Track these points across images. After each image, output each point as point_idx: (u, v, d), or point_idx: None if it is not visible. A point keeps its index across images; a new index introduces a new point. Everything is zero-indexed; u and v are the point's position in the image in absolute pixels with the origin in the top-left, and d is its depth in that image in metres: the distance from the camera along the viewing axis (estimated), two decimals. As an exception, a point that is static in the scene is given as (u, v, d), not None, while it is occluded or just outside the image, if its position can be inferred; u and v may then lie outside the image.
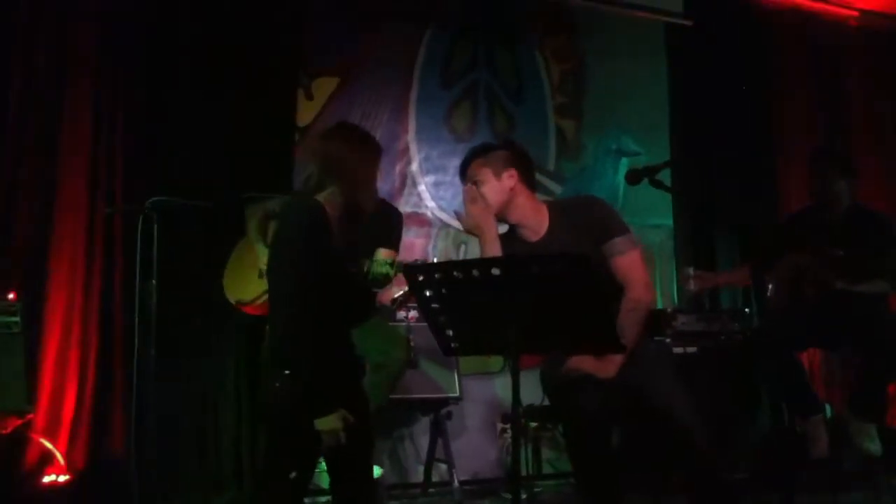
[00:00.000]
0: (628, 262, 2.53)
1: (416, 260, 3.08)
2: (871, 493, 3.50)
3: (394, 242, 3.29)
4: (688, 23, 4.92)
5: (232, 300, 3.36)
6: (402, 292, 2.36)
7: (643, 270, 2.56)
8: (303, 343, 2.12)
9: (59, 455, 3.42)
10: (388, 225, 3.34)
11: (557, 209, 2.67)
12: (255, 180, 3.63)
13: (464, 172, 2.69)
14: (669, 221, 4.94)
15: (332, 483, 2.32)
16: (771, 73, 5.29)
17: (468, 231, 2.63)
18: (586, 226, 2.55)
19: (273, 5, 4.05)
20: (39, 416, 3.42)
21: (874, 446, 3.36)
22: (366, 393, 2.46)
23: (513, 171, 2.62)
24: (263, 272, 3.26)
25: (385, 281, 3.09)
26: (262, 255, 3.25)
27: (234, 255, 3.41)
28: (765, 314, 3.81)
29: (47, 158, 3.59)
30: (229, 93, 3.88)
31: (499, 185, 2.61)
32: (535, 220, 2.64)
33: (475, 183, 2.63)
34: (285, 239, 2.24)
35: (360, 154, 2.35)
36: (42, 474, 3.34)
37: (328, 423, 2.12)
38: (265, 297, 3.23)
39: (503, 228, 2.67)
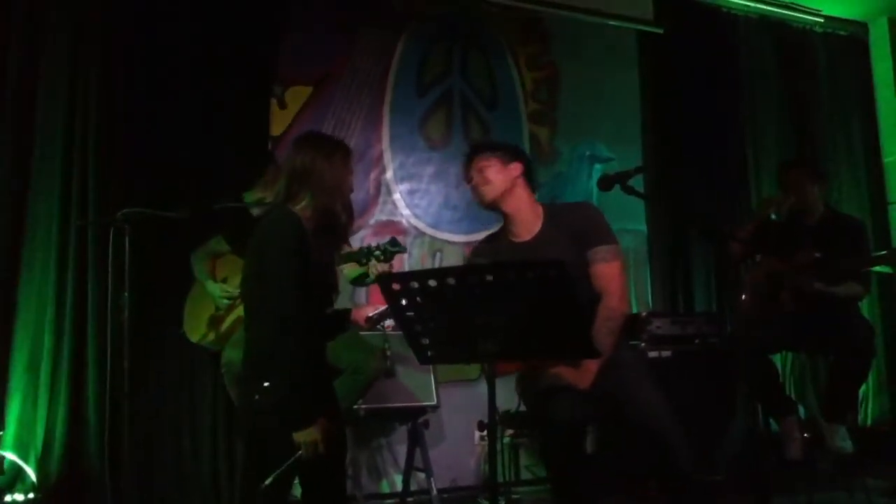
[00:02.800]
0: (608, 271, 2.57)
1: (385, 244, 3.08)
2: (846, 493, 3.54)
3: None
4: (659, 31, 4.98)
5: (193, 340, 3.44)
6: (377, 311, 2.36)
7: (621, 281, 2.60)
8: (287, 355, 2.12)
9: (30, 472, 3.36)
10: None
11: (552, 212, 2.72)
12: (228, 190, 3.61)
13: (469, 164, 2.72)
14: (643, 227, 4.98)
15: (304, 492, 2.30)
16: (741, 80, 5.37)
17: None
18: (575, 230, 2.61)
19: (246, 15, 4.04)
20: (9, 432, 3.36)
21: (846, 444, 3.41)
22: (338, 403, 2.46)
23: (518, 164, 2.68)
24: (221, 305, 3.30)
25: (364, 278, 3.09)
26: (215, 291, 3.36)
27: (189, 299, 3.50)
28: (738, 318, 3.85)
29: (19, 169, 3.55)
30: (203, 102, 3.86)
31: (504, 170, 2.66)
32: (530, 216, 2.68)
33: (480, 169, 2.66)
34: (268, 251, 2.23)
35: (329, 162, 2.33)
36: (12, 492, 3.28)
37: (307, 436, 2.12)
38: (219, 332, 3.26)
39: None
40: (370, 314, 2.39)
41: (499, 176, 2.65)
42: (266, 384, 2.12)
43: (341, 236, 2.46)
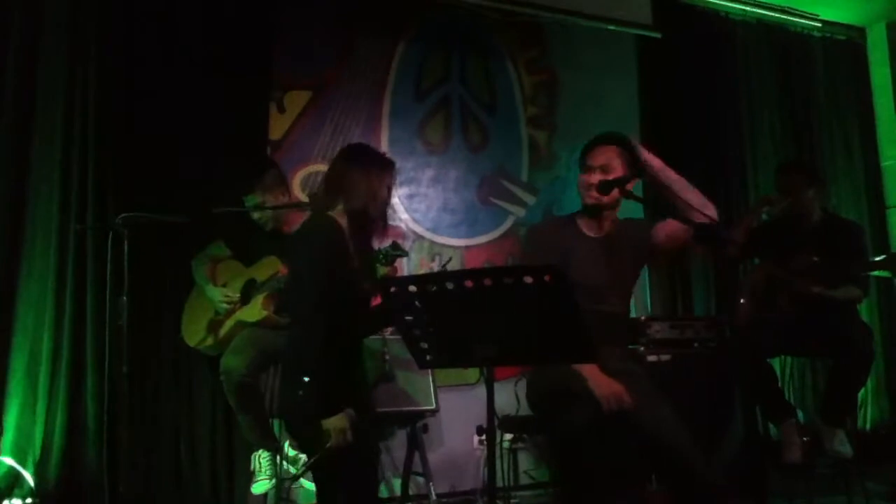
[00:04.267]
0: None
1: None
2: (845, 497, 3.54)
3: None
4: (657, 35, 4.99)
5: (191, 344, 3.42)
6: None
7: None
8: (310, 354, 2.24)
9: (28, 477, 3.36)
10: None
11: (617, 223, 2.78)
12: (227, 194, 3.61)
13: (590, 151, 2.71)
14: (642, 231, 4.98)
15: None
16: (739, 83, 5.38)
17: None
18: (635, 241, 2.71)
19: (245, 19, 4.04)
20: (7, 437, 3.36)
21: (845, 449, 3.41)
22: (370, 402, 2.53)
23: (636, 180, 2.68)
24: (220, 310, 3.31)
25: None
26: (215, 296, 3.36)
27: (188, 303, 3.48)
28: (736, 322, 3.85)
29: (17, 173, 3.55)
30: (201, 107, 3.86)
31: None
32: (611, 218, 2.73)
33: (602, 167, 2.65)
34: (305, 259, 2.36)
35: (359, 168, 2.45)
36: (10, 497, 3.28)
37: (336, 422, 2.22)
38: (217, 337, 3.29)
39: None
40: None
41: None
42: (306, 379, 2.22)
43: (372, 237, 2.56)
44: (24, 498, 3.29)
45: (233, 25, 4.01)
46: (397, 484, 3.95)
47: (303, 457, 3.55)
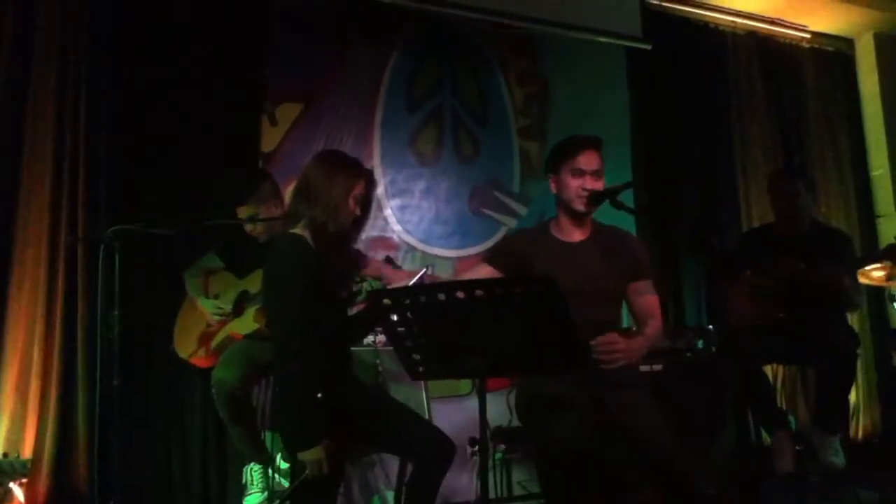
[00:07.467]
0: (655, 302, 2.69)
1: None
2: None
3: None
4: (647, 46, 5.02)
5: (183, 356, 3.40)
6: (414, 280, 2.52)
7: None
8: (286, 378, 2.28)
9: (18, 492, 3.33)
10: None
11: (598, 227, 2.76)
12: (219, 206, 3.61)
13: (579, 153, 2.68)
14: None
15: None
16: (729, 94, 5.42)
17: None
18: (622, 256, 2.66)
19: (236, 32, 4.05)
20: (-3, 451, 3.34)
21: (838, 459, 3.42)
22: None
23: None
24: (212, 321, 3.31)
25: (356, 296, 3.15)
26: (208, 307, 3.35)
27: (180, 314, 3.47)
28: (726, 331, 3.87)
29: (8, 185, 3.54)
30: (193, 119, 3.86)
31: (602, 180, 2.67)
32: (588, 223, 2.71)
33: (594, 173, 2.66)
34: (268, 285, 2.39)
35: (323, 176, 2.40)
36: (0, 512, 3.25)
37: (311, 455, 2.23)
38: (209, 349, 3.30)
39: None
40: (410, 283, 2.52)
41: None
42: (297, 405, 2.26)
43: (345, 247, 2.54)
44: (14, 513, 3.27)
45: (224, 37, 4.02)
46: (390, 496, 3.93)
47: None
